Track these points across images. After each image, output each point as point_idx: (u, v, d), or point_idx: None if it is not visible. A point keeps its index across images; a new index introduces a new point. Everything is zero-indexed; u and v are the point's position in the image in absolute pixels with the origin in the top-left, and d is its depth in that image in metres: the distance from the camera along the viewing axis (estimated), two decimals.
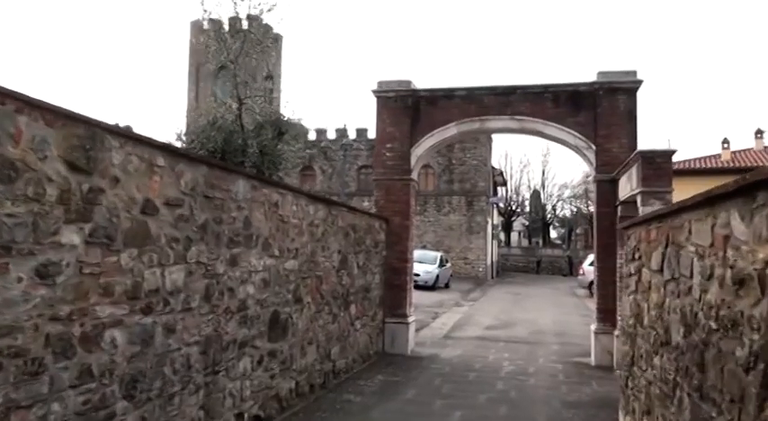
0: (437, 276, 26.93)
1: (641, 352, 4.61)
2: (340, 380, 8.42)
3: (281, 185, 6.62)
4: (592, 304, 23.34)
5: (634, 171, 8.22)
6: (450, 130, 11.05)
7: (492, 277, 41.63)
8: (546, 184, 66.10)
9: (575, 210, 70.88)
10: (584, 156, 10.64)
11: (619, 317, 9.69)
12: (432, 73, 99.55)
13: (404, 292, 11.08)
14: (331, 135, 42.41)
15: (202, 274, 4.89)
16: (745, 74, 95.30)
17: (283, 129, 17.95)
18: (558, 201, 67.94)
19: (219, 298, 5.18)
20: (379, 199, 11.34)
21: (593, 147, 10.47)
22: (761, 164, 26.70)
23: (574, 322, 16.84)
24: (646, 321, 4.45)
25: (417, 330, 13.91)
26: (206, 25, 44.68)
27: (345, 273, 8.75)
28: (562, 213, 72.56)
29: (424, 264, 27.26)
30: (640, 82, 10.28)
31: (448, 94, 11.13)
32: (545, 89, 10.74)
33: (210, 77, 44.30)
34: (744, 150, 30.05)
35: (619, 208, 10.00)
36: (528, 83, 10.90)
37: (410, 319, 11.23)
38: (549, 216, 68.89)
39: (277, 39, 47.78)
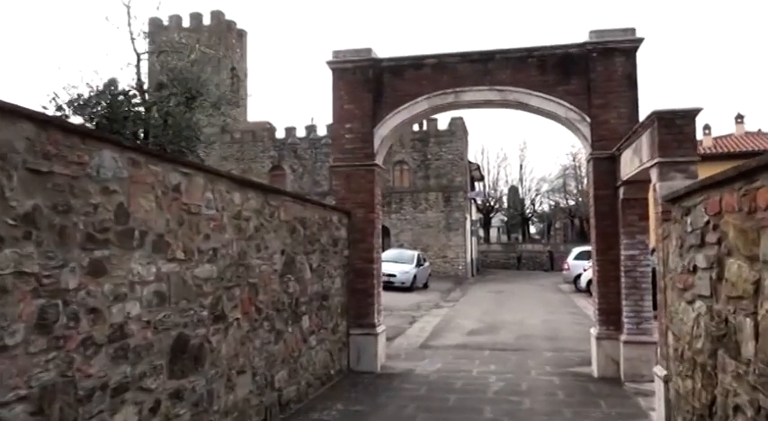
0: (414, 276, 25.32)
1: (738, 401, 2.94)
2: (288, 414, 6.70)
3: (185, 163, 4.86)
4: (580, 300, 21.97)
5: (645, 140, 6.63)
6: (420, 105, 9.39)
7: (472, 275, 40.18)
8: (524, 179, 65.09)
9: (553, 204, 70.03)
10: (576, 130, 9.05)
11: (641, 332, 8.12)
12: (401, 46, 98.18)
13: (370, 298, 9.39)
14: (300, 133, 40.58)
15: (30, 292, 3.15)
16: (724, 59, 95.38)
17: (195, 92, 14.38)
18: (536, 195, 66.92)
19: (70, 325, 3.44)
20: (339, 189, 9.64)
21: (588, 119, 8.89)
22: (743, 149, 25.58)
23: (564, 322, 15.31)
24: (750, 350, 2.76)
25: (391, 339, 12.27)
26: (166, 21, 42.84)
27: (293, 279, 7.03)
28: (541, 208, 71.63)
29: (401, 263, 25.69)
30: (640, 40, 8.71)
31: (416, 64, 9.47)
32: (529, 53, 9.12)
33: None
34: (725, 136, 29.00)
35: (621, 189, 8.43)
36: (509, 47, 9.28)
37: (379, 329, 9.55)
38: (527, 211, 67.75)
39: (242, 35, 45.85)
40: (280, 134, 40.79)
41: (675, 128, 6.06)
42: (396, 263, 25.79)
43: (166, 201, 4.43)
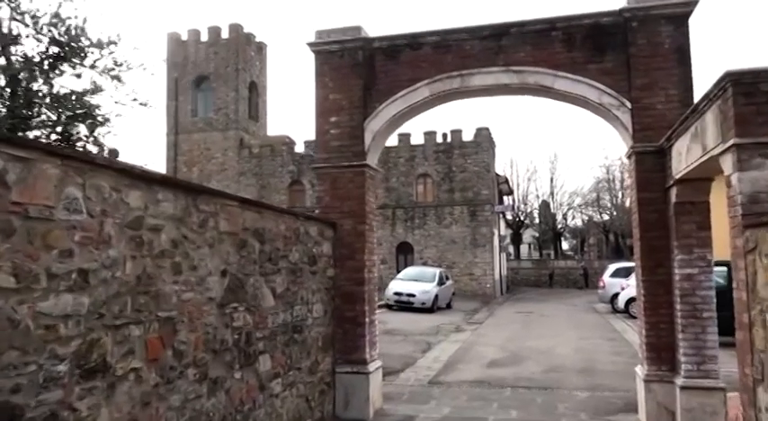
0: (436, 296, 23.47)
1: None
2: None
3: (14, 142, 3.24)
4: (618, 323, 19.81)
5: (712, 118, 4.84)
6: (420, 93, 7.71)
7: (501, 293, 38.09)
8: (555, 193, 62.66)
9: (586, 218, 67.39)
10: (613, 119, 7.26)
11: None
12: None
13: (361, 328, 7.67)
14: None
15: None
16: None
17: (70, 46, 10.31)
18: (568, 209, 64.36)
19: None
20: (323, 195, 7.98)
21: (628, 104, 7.10)
22: None
23: (601, 351, 13.33)
24: None
25: (397, 372, 10.56)
26: (184, 36, 42.20)
27: (242, 308, 5.37)
28: (573, 223, 69.04)
29: (421, 282, 23.93)
30: (694, 3, 6.91)
31: (414, 43, 7.81)
32: (552, 25, 7.39)
33: (190, 90, 41.45)
34: None
35: (672, 191, 6.61)
36: (526, 18, 7.56)
37: (372, 366, 7.81)
38: (559, 226, 65.23)
39: (261, 48, 44.94)
40: (299, 148, 39.45)
41: (760, 96, 4.27)
42: (416, 281, 24.07)
43: None
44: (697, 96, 6.57)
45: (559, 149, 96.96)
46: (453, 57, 7.62)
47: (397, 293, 23.39)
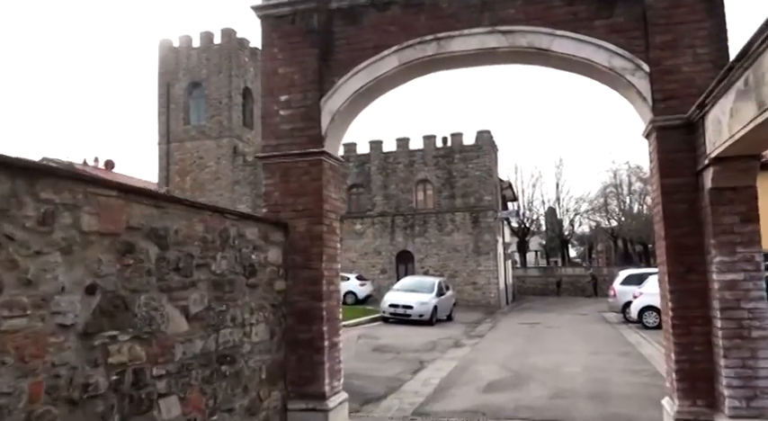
0: (435, 307, 21.93)
1: None
2: None
3: None
4: (632, 335, 18.12)
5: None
6: (387, 62, 6.28)
7: (507, 303, 36.50)
8: (561, 198, 61.01)
9: (594, 225, 65.73)
10: (627, 88, 5.80)
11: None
12: None
13: (319, 354, 6.18)
14: None
15: None
16: None
17: None
18: (575, 215, 62.67)
19: None
20: (271, 190, 6.52)
21: (645, 67, 5.65)
22: None
23: (615, 369, 11.76)
24: None
25: (379, 399, 9.07)
26: (176, 43, 41.05)
27: (128, 337, 3.90)
28: (581, 229, 67.38)
29: (419, 293, 22.41)
30: None
31: (379, 2, 6.38)
32: None
33: (182, 98, 40.21)
34: None
35: (707, 174, 5.13)
36: None
37: (333, 401, 6.30)
38: (566, 233, 63.54)
39: (255, 53, 43.72)
40: None
41: None
42: (413, 292, 22.55)
43: None
44: (734, 52, 5.11)
45: (565, 154, 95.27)
46: (428, 17, 6.19)
47: (392, 305, 21.87)
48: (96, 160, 49.20)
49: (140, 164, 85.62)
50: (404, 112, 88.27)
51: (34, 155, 36.86)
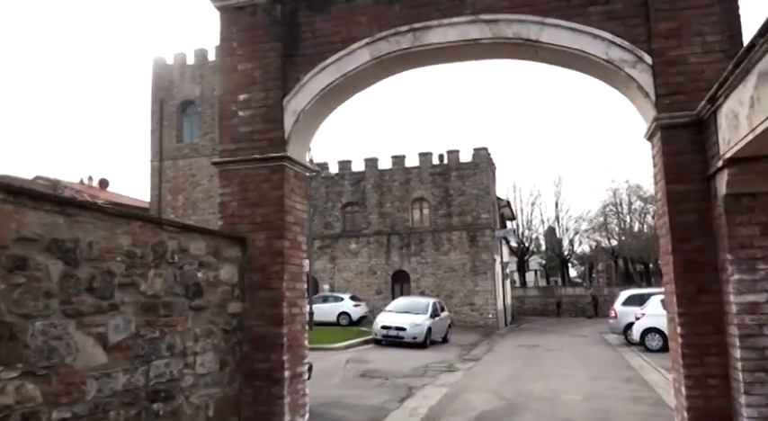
0: (429, 329, 21.09)
1: None
2: None
3: None
4: (634, 358, 17.19)
5: None
6: (357, 56, 5.61)
7: (505, 324, 35.57)
8: (560, 217, 60.18)
9: (594, 244, 64.86)
10: (626, 82, 5.12)
11: None
12: None
13: (278, 387, 5.41)
14: (313, 172, 37.12)
15: None
16: None
17: None
18: (575, 234, 61.80)
19: None
20: (228, 200, 5.80)
21: (647, 58, 4.97)
22: None
23: (617, 396, 10.94)
24: None
25: None
26: (170, 60, 40.67)
27: (16, 374, 3.17)
28: (580, 249, 66.48)
29: (412, 314, 21.57)
30: None
31: None
32: None
33: (175, 115, 39.68)
34: None
35: (720, 178, 4.42)
36: None
37: None
38: (566, 252, 62.66)
39: None
40: None
41: None
42: (407, 313, 21.73)
43: None
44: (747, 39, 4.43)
45: (564, 172, 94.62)
46: (402, 6, 5.54)
47: (385, 327, 21.03)
48: (90, 179, 48.60)
49: (132, 182, 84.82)
50: (399, 130, 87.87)
51: (28, 173, 36.19)
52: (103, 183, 48.56)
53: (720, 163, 4.34)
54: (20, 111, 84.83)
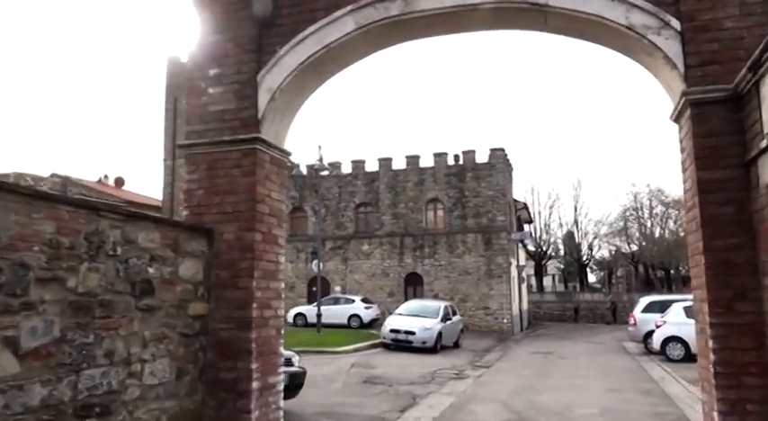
0: (439, 334, 20.36)
1: None
2: None
3: None
4: (655, 369, 16.17)
5: None
6: (341, 26, 4.93)
7: (521, 329, 34.66)
8: (579, 222, 59.07)
9: (613, 249, 63.53)
10: (650, 52, 4.38)
11: None
12: None
13: (245, 400, 4.73)
14: (324, 171, 36.43)
15: None
16: None
17: None
18: (594, 239, 60.55)
19: None
20: (194, 187, 5.14)
21: (675, 23, 4.23)
22: None
23: (636, 412, 10.12)
24: None
25: None
26: (184, 58, 40.45)
27: None
28: (600, 254, 65.16)
29: (423, 318, 20.86)
30: None
31: None
32: None
33: None
34: None
35: (763, 163, 3.67)
36: None
37: None
38: (585, 257, 61.43)
39: None
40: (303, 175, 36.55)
41: None
42: (417, 317, 21.01)
43: None
44: None
45: (583, 175, 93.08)
46: None
47: (393, 330, 20.32)
48: (106, 177, 48.52)
49: (146, 181, 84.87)
50: (414, 129, 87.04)
51: (44, 171, 36.10)
52: (119, 182, 48.45)
53: (764, 144, 3.59)
54: (40, 110, 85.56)
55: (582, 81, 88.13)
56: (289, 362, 9.65)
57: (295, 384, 9.45)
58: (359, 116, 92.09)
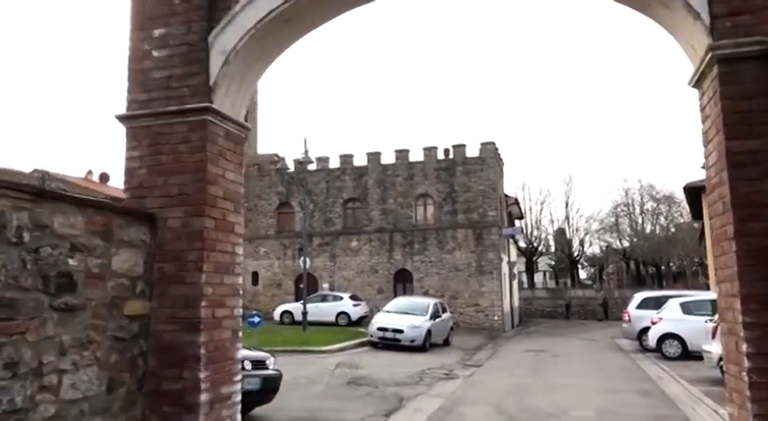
0: (428, 332, 19.70)
1: None
2: None
3: None
4: (651, 367, 15.46)
5: None
6: None
7: (512, 326, 34.10)
8: (570, 217, 58.58)
9: (604, 245, 63.11)
10: (668, 2, 3.69)
11: None
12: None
13: (191, 414, 4.00)
14: (311, 165, 35.58)
15: None
16: None
17: None
18: (585, 234, 60.15)
19: None
20: (135, 165, 4.40)
21: None
22: None
23: (635, 415, 9.49)
24: None
25: None
26: None
27: None
28: (591, 250, 64.77)
29: (411, 315, 20.22)
30: None
31: None
32: None
33: None
34: None
35: None
36: None
37: None
38: (576, 253, 61.00)
39: None
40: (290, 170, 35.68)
41: None
42: (405, 314, 20.36)
43: None
44: None
45: (574, 171, 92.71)
46: None
47: (381, 328, 19.65)
48: (90, 173, 47.51)
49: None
50: (404, 123, 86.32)
51: (28, 166, 35.03)
52: (104, 178, 47.44)
53: None
54: (25, 106, 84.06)
55: (574, 76, 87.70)
56: (263, 365, 8.95)
57: (270, 388, 8.76)
58: (347, 109, 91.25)
